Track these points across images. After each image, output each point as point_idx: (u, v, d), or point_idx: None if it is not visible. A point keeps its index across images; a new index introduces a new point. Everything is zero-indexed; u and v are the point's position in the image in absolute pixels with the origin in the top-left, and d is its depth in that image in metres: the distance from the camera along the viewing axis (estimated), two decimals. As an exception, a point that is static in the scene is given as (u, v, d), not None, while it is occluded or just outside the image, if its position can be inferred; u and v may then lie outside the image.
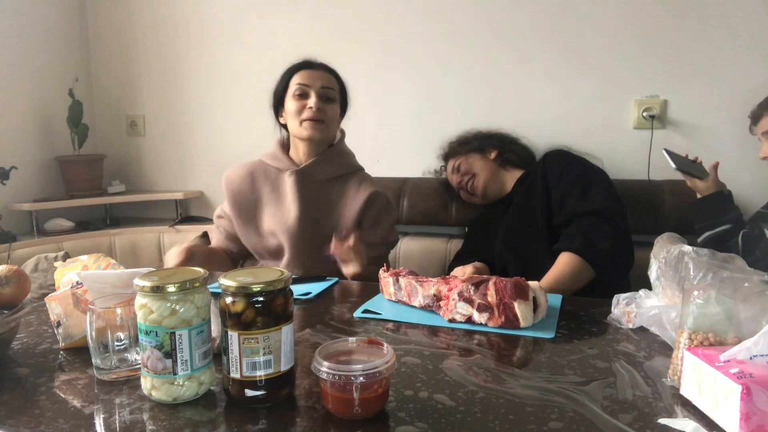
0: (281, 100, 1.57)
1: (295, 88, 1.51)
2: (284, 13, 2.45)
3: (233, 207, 1.57)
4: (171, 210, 2.70)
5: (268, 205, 1.55)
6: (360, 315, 1.06)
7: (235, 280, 0.69)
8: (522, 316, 0.95)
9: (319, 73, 1.53)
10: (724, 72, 1.95)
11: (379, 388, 0.66)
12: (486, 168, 1.83)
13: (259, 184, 1.57)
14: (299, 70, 1.54)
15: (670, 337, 0.86)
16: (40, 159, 2.54)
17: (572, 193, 1.50)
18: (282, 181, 1.56)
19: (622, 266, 1.45)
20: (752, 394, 0.59)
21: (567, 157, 1.65)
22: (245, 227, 1.56)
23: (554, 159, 1.63)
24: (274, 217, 1.53)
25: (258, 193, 1.57)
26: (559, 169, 1.58)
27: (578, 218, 1.45)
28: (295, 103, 1.50)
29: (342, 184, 1.57)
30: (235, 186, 1.58)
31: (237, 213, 1.56)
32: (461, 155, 1.90)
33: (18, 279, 0.91)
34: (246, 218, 1.56)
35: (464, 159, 1.88)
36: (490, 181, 1.82)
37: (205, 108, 2.64)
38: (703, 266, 0.75)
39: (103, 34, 2.75)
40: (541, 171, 1.61)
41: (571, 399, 0.71)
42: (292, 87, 1.52)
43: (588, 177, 1.55)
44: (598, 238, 1.39)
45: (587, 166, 1.62)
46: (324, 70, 1.56)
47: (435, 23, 2.25)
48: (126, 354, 0.79)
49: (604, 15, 2.05)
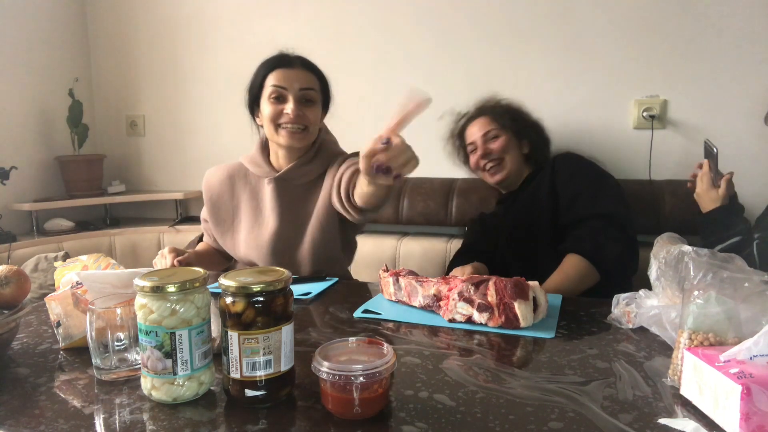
0: (257, 99, 1.43)
1: (270, 90, 1.37)
2: (284, 13, 2.44)
3: (211, 213, 1.52)
4: (171, 210, 2.70)
5: (246, 214, 1.49)
6: (360, 315, 1.06)
7: (235, 280, 0.69)
8: (522, 316, 0.95)
9: (297, 72, 1.38)
10: (724, 72, 1.95)
11: (379, 388, 0.66)
12: (515, 159, 1.72)
13: (239, 190, 1.51)
14: (274, 68, 1.39)
15: (670, 337, 0.86)
16: (40, 159, 2.54)
17: (583, 194, 1.48)
18: (262, 187, 1.48)
19: (627, 272, 1.44)
20: (752, 394, 0.59)
21: (578, 159, 1.63)
22: (222, 234, 1.51)
23: (565, 161, 1.61)
24: (251, 231, 1.47)
25: (237, 199, 1.50)
26: (570, 170, 1.56)
27: (587, 220, 1.43)
28: (271, 107, 1.37)
29: (322, 184, 1.46)
30: (215, 191, 1.52)
31: (214, 219, 1.52)
32: (499, 125, 1.73)
33: (18, 279, 0.91)
34: (224, 226, 1.51)
35: (501, 132, 1.72)
36: (513, 174, 1.73)
37: (205, 108, 2.64)
38: (703, 266, 0.75)
39: (103, 34, 2.75)
40: (550, 173, 1.58)
41: (571, 399, 0.71)
42: (267, 88, 1.38)
43: (600, 180, 1.54)
44: (607, 242, 1.38)
45: (599, 170, 1.60)
46: (302, 66, 1.40)
47: (434, 23, 2.25)
48: (126, 354, 0.79)
49: (604, 15, 2.05)
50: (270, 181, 1.45)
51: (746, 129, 1.90)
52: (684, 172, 2.03)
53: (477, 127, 1.76)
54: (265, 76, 1.40)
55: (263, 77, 1.41)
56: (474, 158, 1.77)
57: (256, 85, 1.43)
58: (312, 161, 1.46)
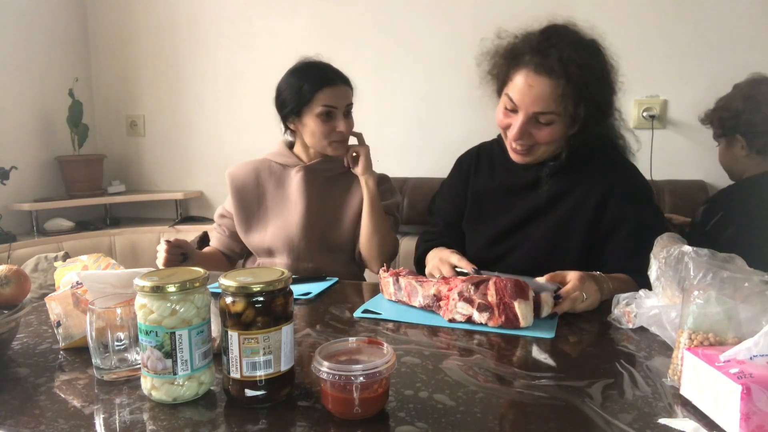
0: (297, 109, 1.49)
1: (321, 109, 1.47)
2: (284, 13, 2.45)
3: (237, 202, 1.57)
4: (171, 210, 2.70)
5: (273, 201, 1.56)
6: (360, 315, 1.06)
7: (235, 280, 0.69)
8: (522, 315, 0.95)
9: (341, 89, 1.50)
10: (724, 72, 1.95)
11: (379, 388, 0.66)
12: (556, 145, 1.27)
13: (264, 181, 1.58)
14: (322, 87, 1.47)
15: (670, 337, 0.86)
16: (40, 159, 2.54)
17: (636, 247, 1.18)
18: (287, 177, 1.56)
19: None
20: (752, 394, 0.59)
21: (642, 193, 1.30)
22: (247, 223, 1.56)
23: (628, 188, 1.28)
24: (279, 215, 1.54)
25: (262, 188, 1.57)
26: (632, 207, 1.25)
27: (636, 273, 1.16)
28: (323, 124, 1.47)
29: (348, 178, 1.58)
30: (239, 181, 1.58)
31: (240, 208, 1.56)
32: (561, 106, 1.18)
33: (18, 279, 0.91)
34: (249, 214, 1.56)
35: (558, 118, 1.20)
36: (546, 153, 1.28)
37: (205, 108, 2.64)
38: (703, 266, 0.75)
39: (103, 34, 2.75)
40: (603, 189, 1.25)
41: (571, 399, 0.71)
42: (317, 106, 1.47)
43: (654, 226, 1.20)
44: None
45: (657, 213, 1.35)
46: (342, 83, 1.51)
47: (435, 23, 2.25)
48: (126, 354, 0.79)
49: (604, 15, 2.04)
50: (299, 169, 1.55)
51: (746, 129, 1.90)
52: (684, 172, 2.04)
53: (532, 92, 1.19)
54: (314, 93, 1.47)
55: (311, 93, 1.48)
56: (505, 121, 1.25)
57: (303, 100, 1.48)
58: (338, 158, 1.57)
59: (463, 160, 1.48)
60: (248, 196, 1.57)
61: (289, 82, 1.52)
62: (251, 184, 1.58)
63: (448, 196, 1.47)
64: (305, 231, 1.50)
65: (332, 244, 1.54)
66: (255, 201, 1.57)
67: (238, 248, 1.62)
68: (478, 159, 1.44)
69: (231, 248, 1.62)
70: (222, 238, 1.62)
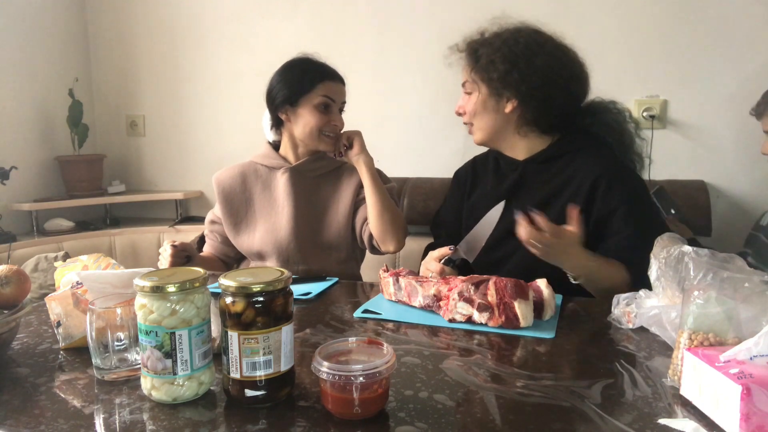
0: (294, 98, 1.48)
1: (320, 100, 1.47)
2: (284, 13, 2.45)
3: (224, 207, 1.55)
4: (171, 210, 2.70)
5: (260, 205, 1.55)
6: (360, 315, 1.06)
7: (235, 280, 0.69)
8: (522, 315, 0.95)
9: (339, 86, 1.52)
10: (724, 72, 1.95)
11: (379, 388, 0.66)
12: (490, 124, 1.28)
13: (251, 184, 1.56)
14: (324, 79, 1.48)
15: (670, 337, 0.86)
16: (40, 159, 2.54)
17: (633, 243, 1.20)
18: (274, 179, 1.55)
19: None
20: (752, 394, 0.59)
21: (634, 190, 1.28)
22: (236, 227, 1.55)
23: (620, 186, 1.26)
24: (267, 218, 1.53)
25: (249, 192, 1.56)
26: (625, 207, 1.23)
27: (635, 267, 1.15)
28: (319, 115, 1.47)
29: (335, 177, 1.57)
30: (226, 185, 1.57)
31: (228, 213, 1.55)
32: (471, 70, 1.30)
33: (18, 279, 0.91)
34: (237, 219, 1.55)
35: (471, 84, 1.30)
36: (488, 141, 1.34)
37: (205, 108, 2.64)
38: (703, 266, 0.75)
39: (103, 34, 2.75)
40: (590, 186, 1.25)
41: (571, 399, 0.71)
42: (317, 97, 1.47)
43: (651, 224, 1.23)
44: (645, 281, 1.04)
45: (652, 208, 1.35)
46: (342, 82, 1.54)
47: (434, 23, 2.25)
48: (126, 354, 0.79)
49: (604, 15, 2.05)
50: (285, 171, 1.54)
51: (746, 129, 1.90)
52: (684, 172, 2.04)
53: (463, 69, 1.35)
54: (315, 82, 1.47)
55: (312, 83, 1.47)
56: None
57: (304, 88, 1.47)
58: (324, 157, 1.57)
59: (460, 173, 1.53)
60: (235, 201, 1.56)
61: (288, 71, 1.51)
62: (238, 189, 1.56)
63: (449, 207, 1.53)
64: (294, 233, 1.49)
65: (325, 243, 1.53)
66: (242, 205, 1.56)
67: (232, 253, 1.61)
68: (474, 171, 1.49)
69: (225, 253, 1.61)
70: (215, 244, 1.61)
